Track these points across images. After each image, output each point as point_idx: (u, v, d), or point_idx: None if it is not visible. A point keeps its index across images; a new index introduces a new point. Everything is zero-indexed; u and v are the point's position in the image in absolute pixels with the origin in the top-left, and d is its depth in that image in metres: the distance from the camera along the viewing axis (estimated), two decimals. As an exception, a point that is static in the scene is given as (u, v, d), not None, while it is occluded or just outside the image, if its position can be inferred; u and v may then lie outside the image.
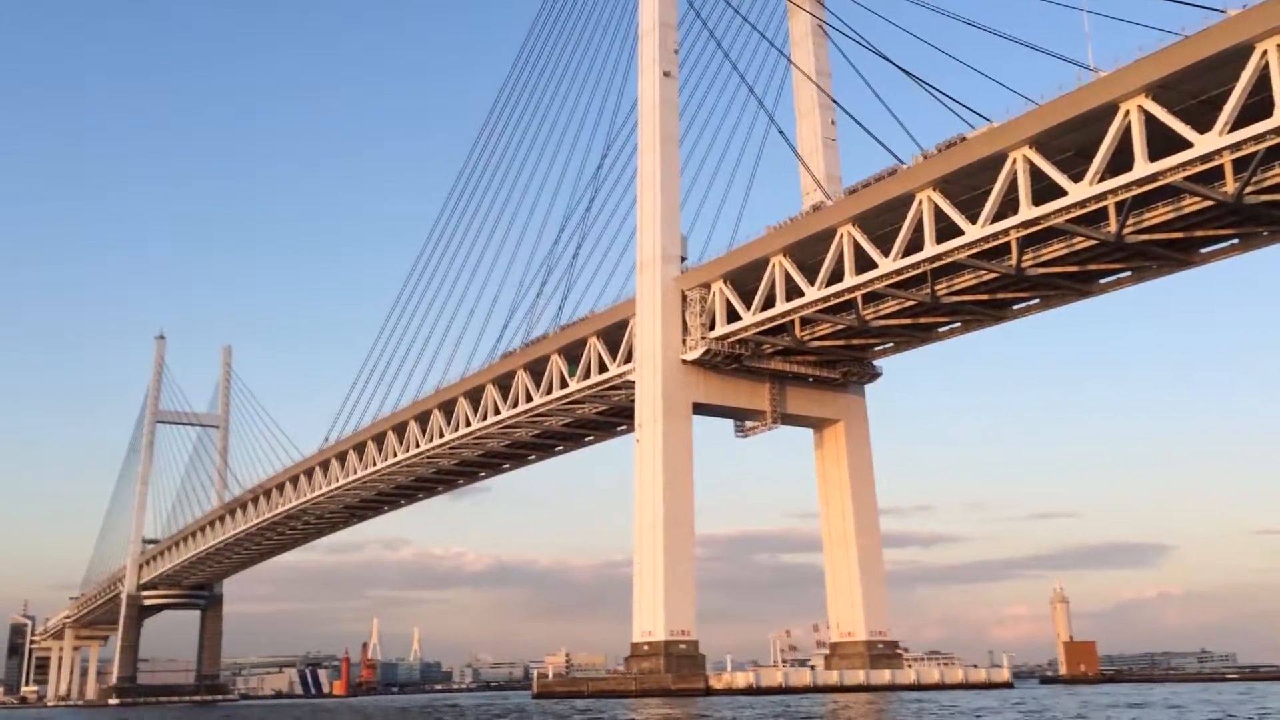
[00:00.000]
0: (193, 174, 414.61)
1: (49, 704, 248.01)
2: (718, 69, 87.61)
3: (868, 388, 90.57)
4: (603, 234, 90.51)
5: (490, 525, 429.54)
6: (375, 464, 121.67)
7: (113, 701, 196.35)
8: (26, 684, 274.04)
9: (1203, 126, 52.21)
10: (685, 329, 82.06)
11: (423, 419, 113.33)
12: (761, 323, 76.56)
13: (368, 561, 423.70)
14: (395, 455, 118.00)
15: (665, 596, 76.74)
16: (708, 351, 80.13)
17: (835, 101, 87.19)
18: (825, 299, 71.97)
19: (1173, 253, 63.77)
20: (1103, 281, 69.22)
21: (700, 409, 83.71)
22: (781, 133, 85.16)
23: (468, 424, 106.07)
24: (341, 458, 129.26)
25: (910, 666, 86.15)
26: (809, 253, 73.25)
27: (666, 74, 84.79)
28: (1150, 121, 54.04)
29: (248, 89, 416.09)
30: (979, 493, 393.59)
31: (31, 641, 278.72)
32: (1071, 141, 58.76)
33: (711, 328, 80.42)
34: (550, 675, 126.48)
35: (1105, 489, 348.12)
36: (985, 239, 62.46)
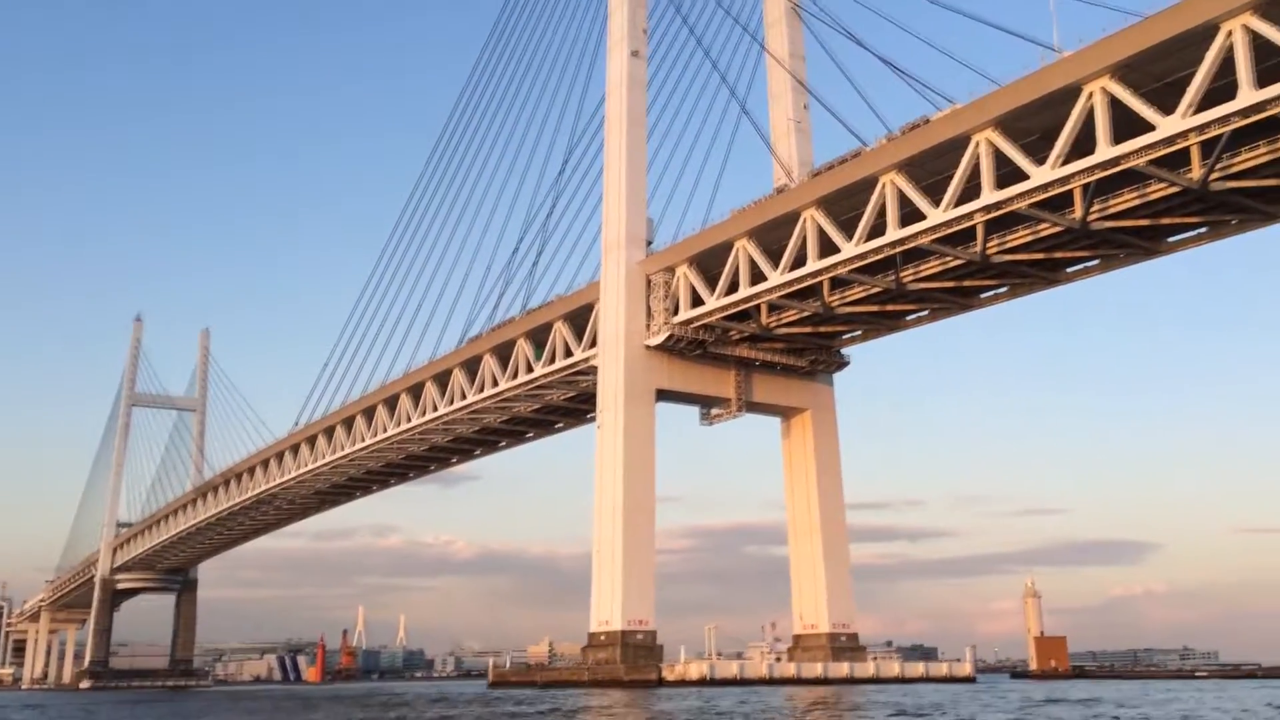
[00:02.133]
0: (170, 164, 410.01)
1: (24, 686, 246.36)
2: (691, 50, 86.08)
3: (838, 376, 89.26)
4: (575, 217, 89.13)
5: (480, 513, 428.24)
6: (344, 448, 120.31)
7: (84, 685, 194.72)
8: (3, 666, 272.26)
9: (1169, 109, 50.90)
10: (650, 314, 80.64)
11: (391, 403, 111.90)
12: (725, 308, 75.15)
13: (357, 548, 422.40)
14: (364, 439, 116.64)
15: (624, 585, 75.43)
16: (671, 336, 78.70)
17: (806, 88, 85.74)
18: (789, 284, 70.57)
19: (1139, 240, 62.53)
20: (1070, 270, 67.97)
21: (664, 395, 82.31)
22: (750, 118, 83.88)
23: (435, 409, 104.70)
24: (311, 441, 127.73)
25: (872, 660, 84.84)
26: (773, 237, 71.84)
27: (635, 53, 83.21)
28: (1115, 105, 52.71)
29: (223, 81, 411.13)
30: (967, 487, 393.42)
31: (8, 624, 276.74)
32: (1036, 124, 57.38)
33: (676, 313, 79.01)
34: (507, 664, 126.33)
35: (1093, 485, 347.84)
36: (949, 223, 61.08)
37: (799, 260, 69.55)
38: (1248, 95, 47.41)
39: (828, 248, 68.03)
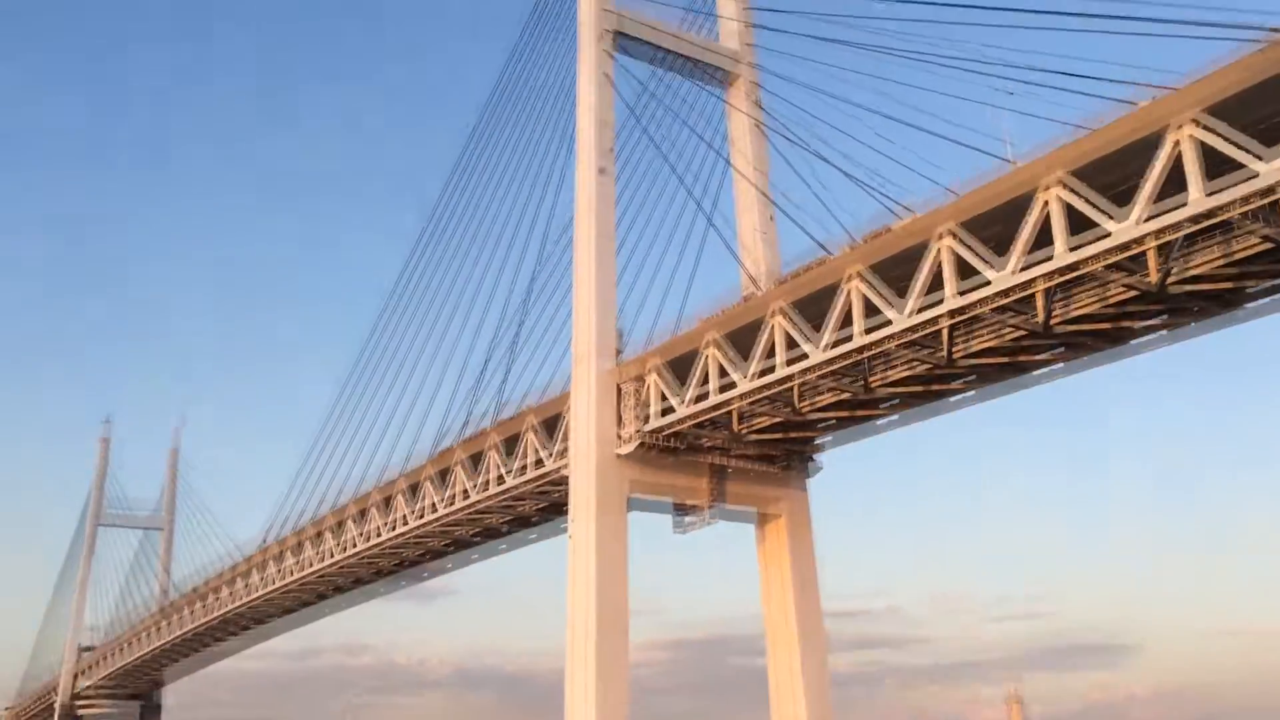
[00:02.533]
0: (141, 268, 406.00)
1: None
2: (659, 164, 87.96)
3: (812, 481, 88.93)
4: (548, 326, 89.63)
5: (455, 628, 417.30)
6: (313, 564, 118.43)
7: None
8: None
9: (1124, 215, 52.19)
10: (620, 422, 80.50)
11: (360, 516, 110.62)
12: (695, 414, 75.15)
13: (328, 667, 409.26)
14: (333, 555, 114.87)
15: (597, 701, 73.63)
16: (642, 445, 78.46)
17: (770, 198, 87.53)
18: (757, 390, 70.81)
19: (1102, 342, 63.42)
20: (1036, 372, 68.64)
21: (636, 503, 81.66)
22: (718, 231, 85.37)
23: (405, 522, 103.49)
24: (279, 558, 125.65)
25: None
26: (741, 344, 72.38)
27: (602, 170, 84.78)
28: (1071, 210, 54.06)
29: (195, 182, 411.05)
30: (948, 586, 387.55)
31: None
32: (994, 229, 58.56)
33: (647, 421, 78.93)
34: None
35: (1075, 585, 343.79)
36: (914, 327, 61.78)
37: (767, 366, 70.02)
38: (1198, 200, 48.75)
39: (795, 354, 68.59)
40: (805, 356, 67.40)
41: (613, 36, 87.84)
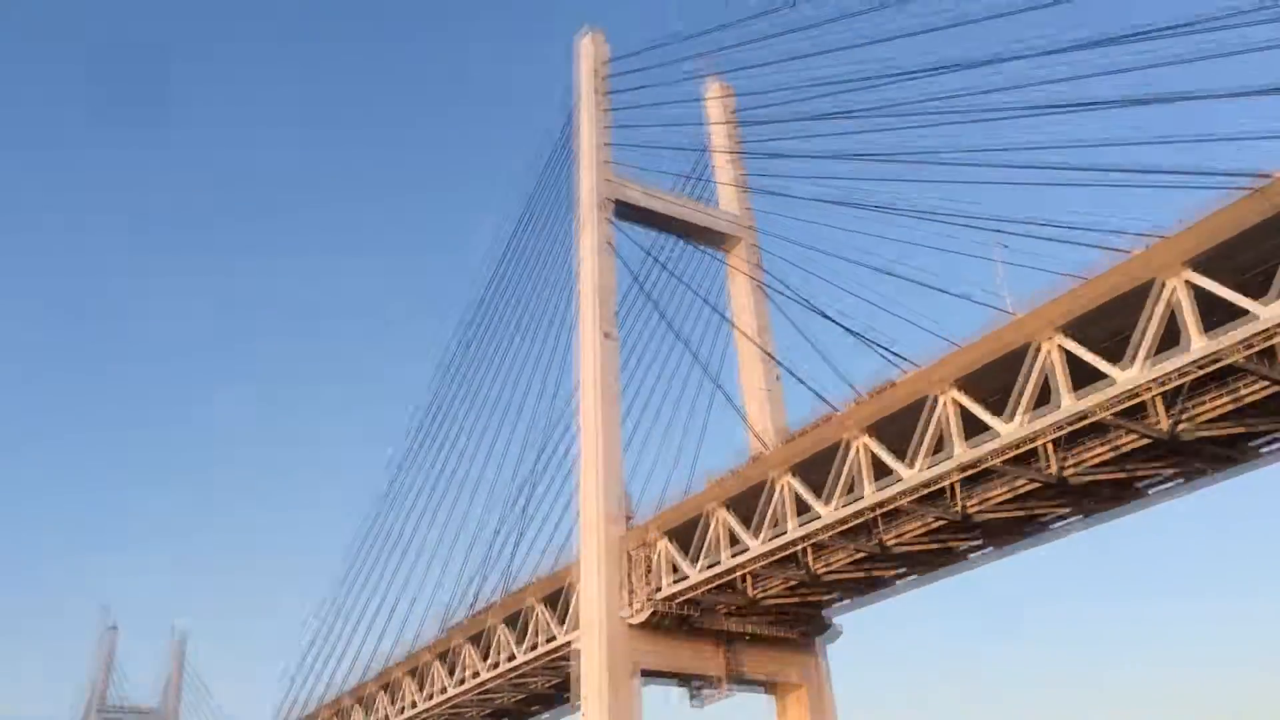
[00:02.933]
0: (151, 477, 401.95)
1: None
2: (663, 329, 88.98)
3: (833, 647, 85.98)
4: (557, 497, 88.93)
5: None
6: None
7: None
8: None
9: (1126, 361, 51.83)
10: (631, 591, 78.45)
11: (367, 701, 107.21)
12: (707, 580, 73.25)
13: None
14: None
15: None
16: (654, 614, 76.19)
17: (774, 358, 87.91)
18: (768, 553, 69.19)
19: (1118, 492, 62.02)
20: (1053, 527, 66.98)
21: (649, 676, 78.71)
22: (724, 392, 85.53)
23: (413, 705, 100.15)
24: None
25: None
26: (750, 505, 71.13)
27: (606, 335, 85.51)
28: (1072, 360, 53.80)
29: (190, 382, 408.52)
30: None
31: None
32: (998, 381, 58.14)
33: (659, 589, 76.90)
34: None
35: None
36: (924, 483, 60.68)
37: (777, 528, 68.60)
38: (1198, 345, 48.43)
39: (805, 513, 67.28)
40: (816, 517, 66.11)
41: (613, 205, 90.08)
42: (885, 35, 69.60)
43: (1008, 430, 55.89)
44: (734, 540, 71.70)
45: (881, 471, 63.01)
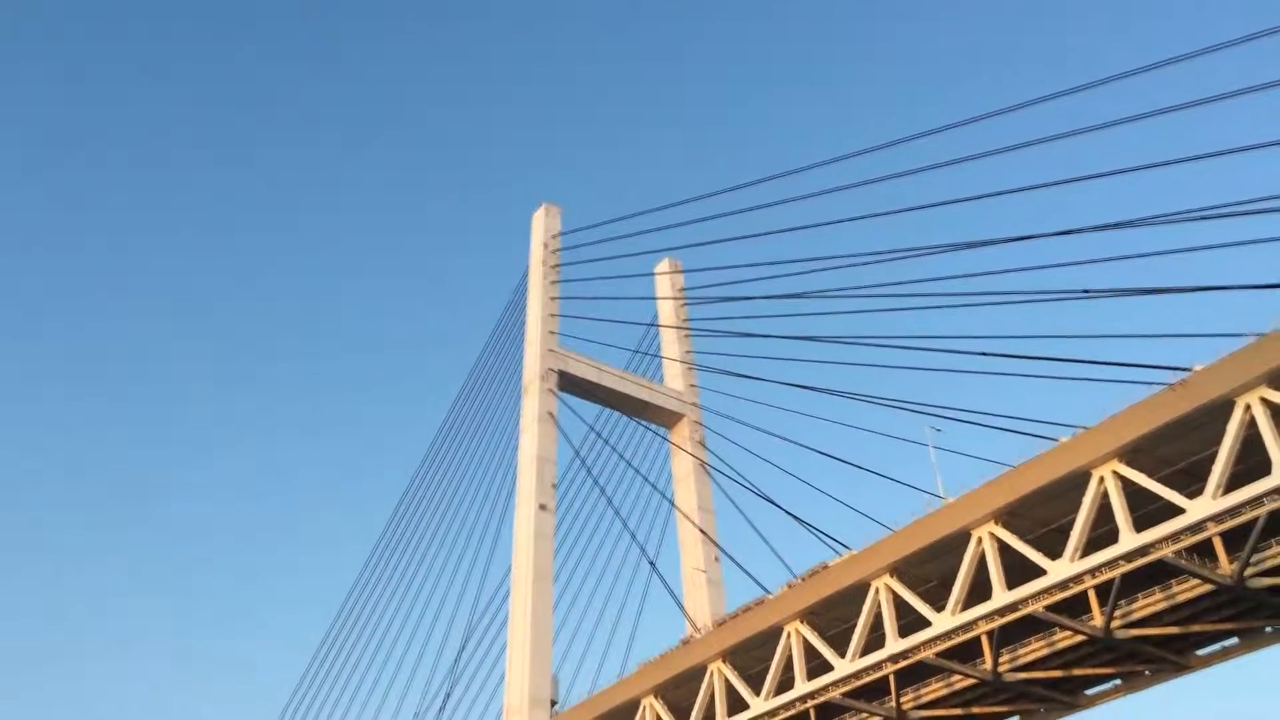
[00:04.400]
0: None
1: None
2: (602, 504, 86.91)
3: None
4: (488, 674, 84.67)
5: None
6: None
7: None
8: None
9: (1059, 555, 50.65)
10: (554, 787, 73.86)
11: None
12: (633, 776, 69.11)
13: None
14: None
15: None
16: (576, 810, 71.52)
17: (715, 543, 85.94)
18: (700, 748, 65.53)
19: (1057, 695, 59.57)
20: (993, 726, 64.05)
21: None
22: (660, 575, 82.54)
23: None
24: None
25: None
26: (682, 693, 67.89)
27: (543, 507, 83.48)
28: (1006, 551, 52.56)
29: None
30: None
31: None
32: (933, 570, 56.84)
33: (582, 785, 72.42)
34: None
35: None
36: (857, 674, 58.16)
37: (709, 718, 65.25)
38: (1128, 539, 47.48)
39: (738, 705, 64.13)
40: (747, 707, 63.01)
41: (556, 376, 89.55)
42: (838, 218, 71.22)
43: (941, 620, 54.02)
44: (664, 731, 68.02)
45: (814, 661, 60.48)
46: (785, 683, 61.63)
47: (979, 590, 53.58)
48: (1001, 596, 51.76)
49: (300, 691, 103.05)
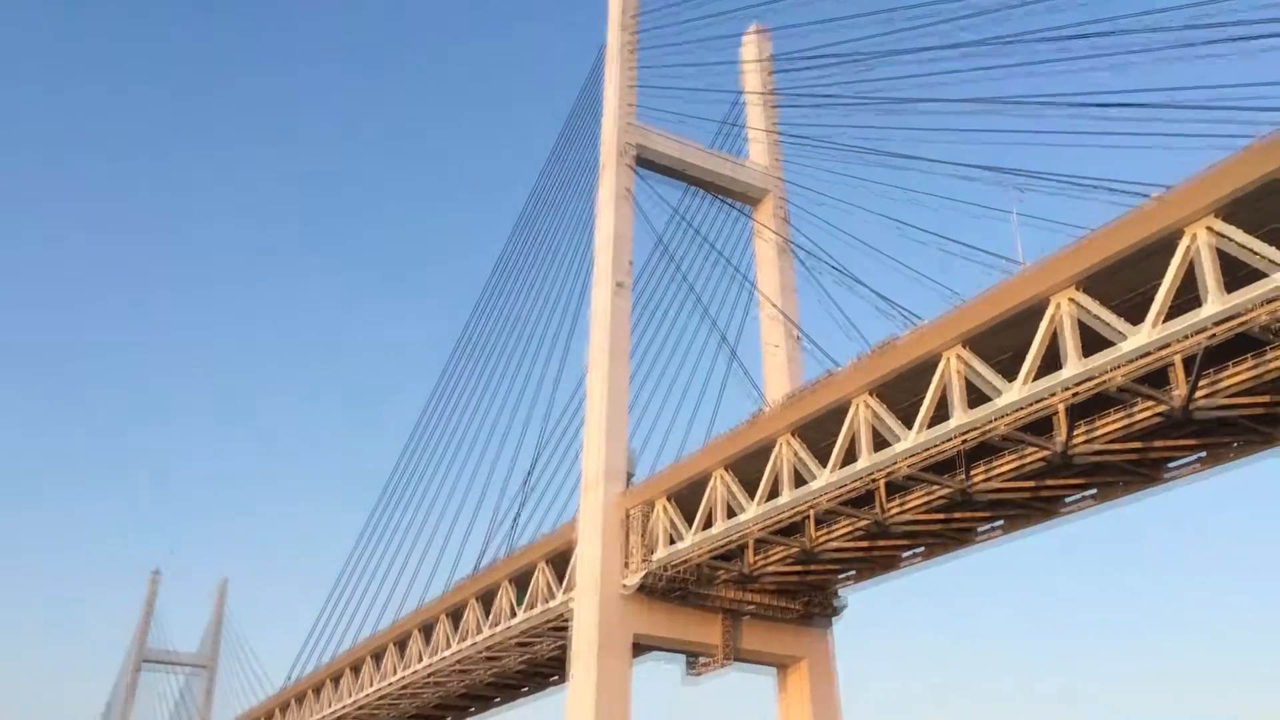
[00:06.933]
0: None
1: None
2: (678, 282, 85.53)
3: (840, 624, 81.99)
4: (566, 453, 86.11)
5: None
6: (331, 705, 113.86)
7: None
8: None
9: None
10: (628, 554, 75.47)
11: (378, 656, 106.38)
12: (702, 544, 69.89)
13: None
14: (351, 695, 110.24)
15: None
16: (648, 576, 73.09)
17: (795, 323, 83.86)
18: (765, 517, 65.59)
19: (1135, 470, 57.07)
20: (1066, 502, 62.17)
21: (644, 645, 75.76)
22: (735, 356, 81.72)
23: (421, 659, 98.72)
24: (300, 699, 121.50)
25: None
26: (751, 467, 67.56)
27: (619, 285, 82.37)
28: (1085, 321, 49.25)
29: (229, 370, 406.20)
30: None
31: None
32: (1006, 341, 53.79)
33: (653, 553, 73.79)
34: None
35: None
36: (924, 448, 56.49)
37: (775, 492, 64.99)
38: (1216, 302, 43.68)
39: (806, 478, 63.53)
40: (814, 480, 62.34)
41: (634, 151, 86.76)
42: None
43: (1011, 392, 51.53)
44: (734, 504, 68.22)
45: (882, 436, 59.01)
46: (852, 457, 60.52)
47: (1055, 365, 50.73)
48: (1076, 365, 48.83)
49: (396, 475, 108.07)
